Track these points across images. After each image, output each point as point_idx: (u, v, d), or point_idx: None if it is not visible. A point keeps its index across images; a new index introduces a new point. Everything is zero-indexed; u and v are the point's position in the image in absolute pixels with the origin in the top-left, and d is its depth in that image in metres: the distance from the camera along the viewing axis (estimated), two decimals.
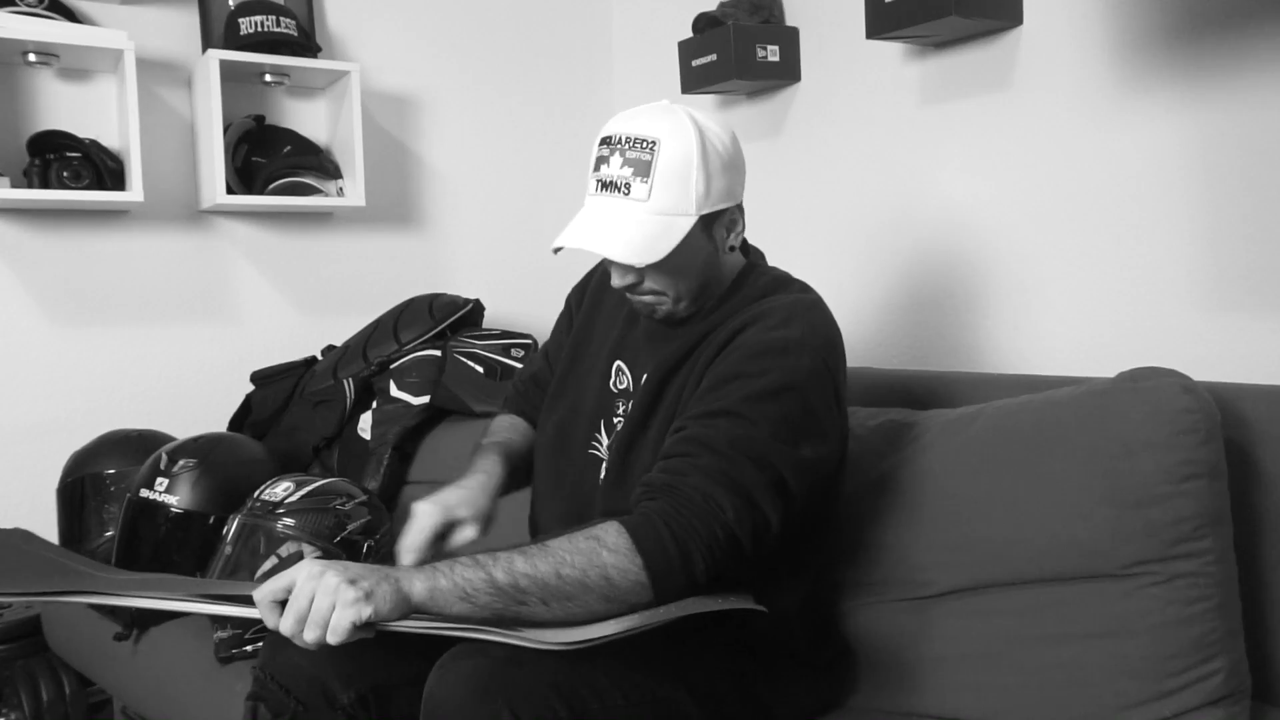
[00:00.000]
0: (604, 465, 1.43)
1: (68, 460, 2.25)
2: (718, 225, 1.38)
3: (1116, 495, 1.25)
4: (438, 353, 2.46)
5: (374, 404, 2.44)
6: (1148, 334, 1.85)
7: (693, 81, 2.52)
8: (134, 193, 2.34)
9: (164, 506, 1.96)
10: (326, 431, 2.44)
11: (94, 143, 2.40)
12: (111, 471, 2.17)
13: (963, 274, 2.15)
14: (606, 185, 1.32)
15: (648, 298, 1.38)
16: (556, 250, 1.36)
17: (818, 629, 1.46)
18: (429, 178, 2.93)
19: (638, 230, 1.30)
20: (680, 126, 1.32)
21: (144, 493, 1.98)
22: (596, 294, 1.60)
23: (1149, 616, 1.23)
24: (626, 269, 1.35)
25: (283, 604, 1.09)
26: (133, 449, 2.19)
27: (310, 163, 2.62)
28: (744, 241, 1.49)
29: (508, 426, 1.65)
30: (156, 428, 2.35)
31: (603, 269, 1.59)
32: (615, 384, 1.47)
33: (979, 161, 2.11)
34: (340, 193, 2.66)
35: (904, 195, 2.27)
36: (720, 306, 1.41)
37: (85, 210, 2.48)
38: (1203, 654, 1.22)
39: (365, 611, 1.05)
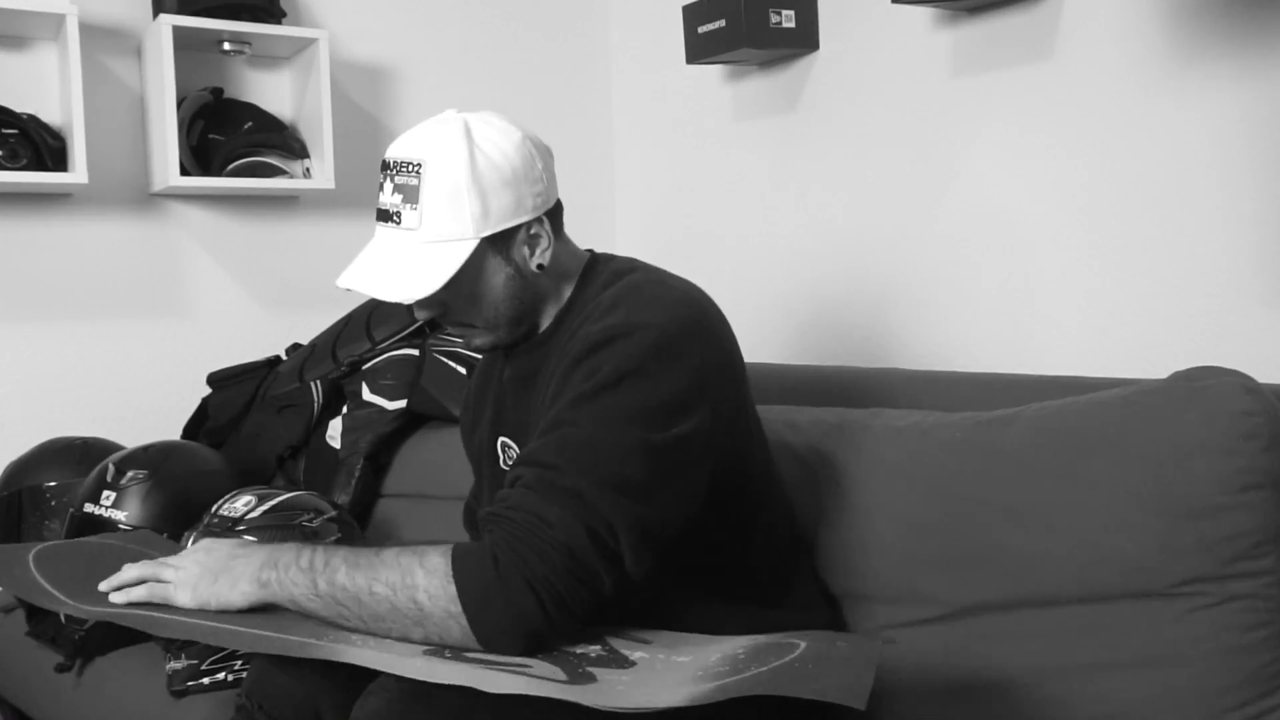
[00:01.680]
0: None
1: (3, 471, 2.26)
2: (513, 245, 1.37)
3: (1167, 505, 1.25)
4: (415, 352, 2.47)
5: (344, 409, 2.45)
6: (1206, 331, 1.85)
7: (699, 50, 2.53)
8: (77, 174, 2.35)
9: (111, 523, 1.97)
10: (292, 439, 2.45)
11: (33, 118, 2.41)
12: (52, 484, 2.18)
13: (999, 265, 2.16)
14: (382, 215, 1.36)
15: (458, 330, 1.44)
16: (347, 289, 1.40)
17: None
18: None
19: (411, 263, 1.33)
20: (449, 143, 1.33)
21: (89, 507, 1.99)
22: (476, 404, 1.64)
23: (1201, 643, 1.23)
24: (422, 305, 1.38)
25: None
26: (76, 459, 2.20)
27: (274, 140, 2.63)
28: (586, 250, 1.50)
29: None
30: (102, 435, 2.36)
31: (473, 381, 1.69)
32: (505, 461, 1.51)
33: (1017, 140, 2.12)
34: (307, 174, 2.67)
35: (933, 177, 2.28)
36: (563, 322, 1.43)
37: (23, 193, 2.49)
38: (1261, 687, 1.22)
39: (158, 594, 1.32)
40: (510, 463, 1.48)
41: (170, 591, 1.32)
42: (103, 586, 1.35)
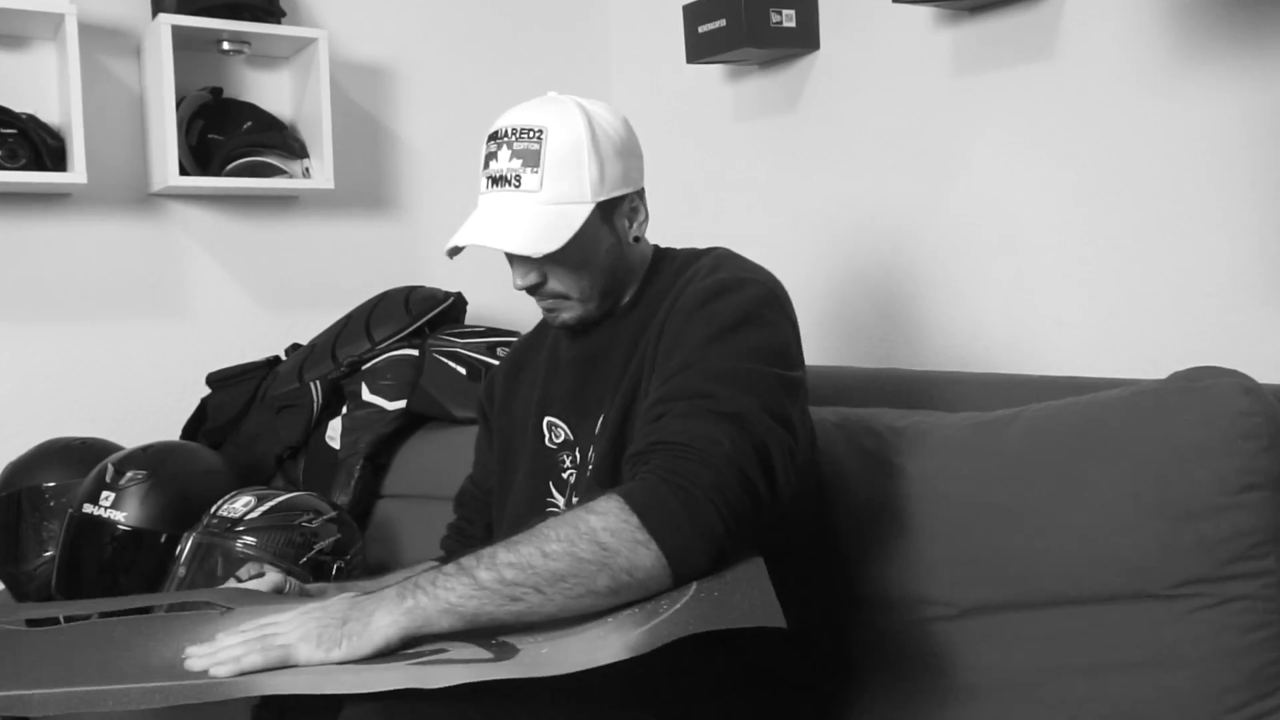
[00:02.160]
0: None
1: (2, 471, 2.26)
2: (618, 214, 1.46)
3: (1166, 506, 1.26)
4: (415, 352, 2.48)
5: (344, 409, 2.45)
6: (1207, 331, 1.85)
7: (699, 50, 2.54)
8: (76, 174, 2.35)
9: (110, 524, 1.97)
10: (291, 440, 2.45)
11: (31, 118, 2.41)
12: (51, 484, 2.19)
13: (1000, 265, 2.16)
14: (496, 180, 1.41)
15: (551, 302, 1.46)
16: (453, 253, 1.44)
17: (805, 636, 1.47)
18: (405, 157, 2.95)
19: (532, 222, 1.38)
20: (567, 113, 1.42)
21: (87, 508, 1.99)
22: (509, 379, 1.66)
23: (1201, 644, 1.23)
24: (528, 268, 1.42)
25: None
26: (75, 459, 2.21)
27: (273, 140, 2.63)
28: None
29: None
30: (101, 435, 2.36)
31: (510, 358, 1.71)
32: (551, 440, 1.52)
33: (1018, 140, 2.12)
34: (306, 174, 2.67)
35: (934, 177, 2.28)
36: (641, 300, 1.49)
37: (22, 193, 2.50)
38: (1261, 688, 1.22)
39: (283, 656, 1.12)
40: (557, 441, 1.50)
41: (290, 652, 1.13)
42: (197, 665, 1.14)
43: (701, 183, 2.86)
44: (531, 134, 1.39)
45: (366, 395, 2.43)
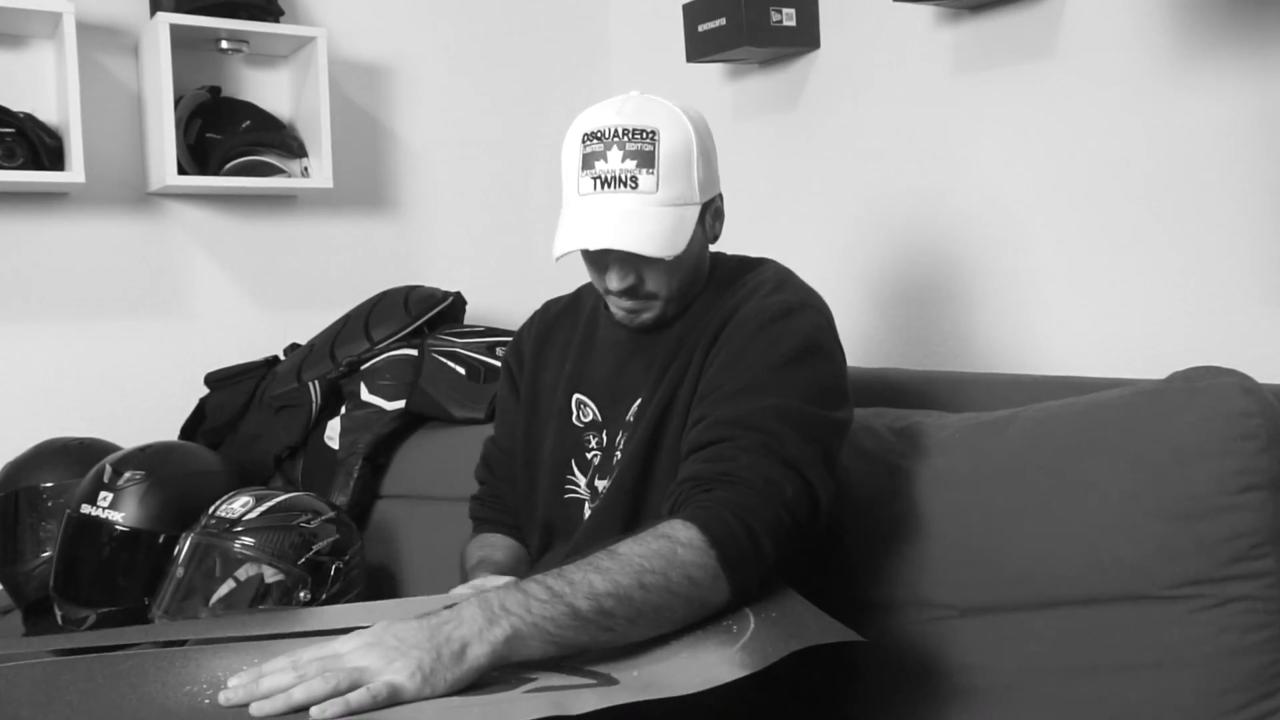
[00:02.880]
0: (586, 505, 1.51)
1: None
2: (708, 215, 1.50)
3: (1164, 507, 1.26)
4: (414, 352, 2.48)
5: (343, 409, 2.46)
6: (1209, 332, 1.86)
7: (698, 49, 2.54)
8: (74, 173, 2.36)
9: (108, 524, 1.98)
10: (290, 440, 2.46)
11: (29, 117, 2.42)
12: (49, 484, 2.19)
13: (1001, 265, 2.17)
14: (607, 181, 1.40)
15: (637, 303, 1.47)
16: (560, 257, 1.44)
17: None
18: (404, 156, 2.95)
19: (657, 224, 1.39)
20: (673, 115, 1.43)
21: (85, 508, 2.00)
22: (539, 342, 1.67)
23: (1201, 645, 1.24)
24: (626, 271, 1.43)
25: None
26: (73, 459, 2.21)
27: (271, 140, 2.64)
28: None
29: (483, 546, 1.65)
30: (99, 435, 2.37)
31: (542, 320, 1.70)
32: (579, 418, 1.54)
33: (1019, 138, 2.13)
34: (305, 173, 2.68)
35: (935, 176, 2.29)
36: (697, 300, 1.52)
37: (19, 192, 2.50)
38: (1261, 689, 1.22)
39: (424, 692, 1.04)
40: (585, 420, 1.54)
41: (395, 689, 1.04)
42: (270, 708, 1.03)
43: None
44: (645, 135, 1.39)
45: (365, 395, 2.44)
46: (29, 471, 2.22)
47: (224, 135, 2.61)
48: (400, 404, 2.41)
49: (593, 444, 1.52)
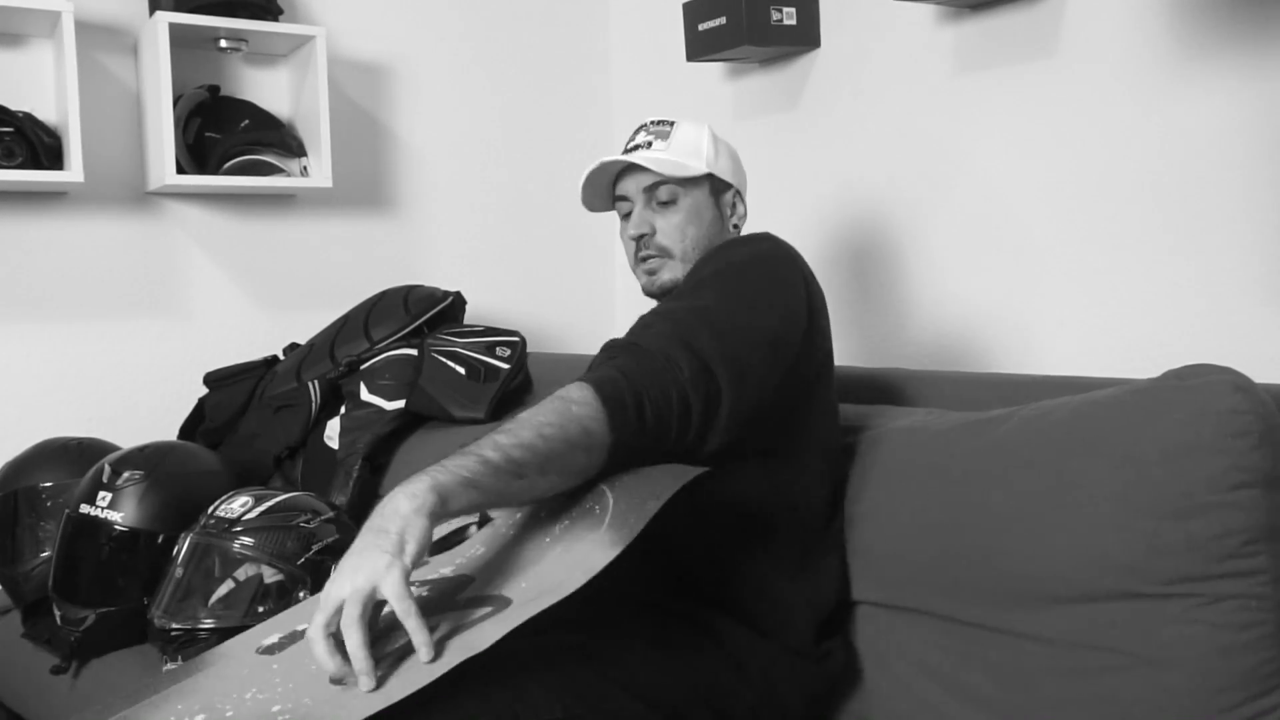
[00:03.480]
0: None
1: None
2: (724, 198, 1.73)
3: (1156, 505, 1.27)
4: (414, 352, 2.49)
5: (342, 409, 2.47)
6: (1209, 331, 1.87)
7: (699, 48, 2.55)
8: (73, 172, 2.37)
9: (107, 524, 1.99)
10: (289, 440, 2.47)
11: (28, 116, 2.43)
12: (48, 484, 2.20)
13: (1002, 264, 2.18)
14: (629, 150, 1.71)
15: (654, 262, 1.67)
16: (588, 198, 1.75)
17: (822, 618, 1.54)
18: (404, 155, 2.96)
19: (659, 156, 1.66)
20: (696, 121, 1.74)
21: (84, 508, 2.01)
22: None
23: (1195, 644, 1.24)
24: (643, 219, 1.67)
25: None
26: (71, 459, 2.22)
27: (271, 139, 2.65)
28: None
29: None
30: (98, 435, 2.37)
31: None
32: None
33: (1020, 138, 2.14)
34: (304, 172, 2.69)
35: (936, 176, 2.30)
36: None
37: (18, 192, 2.52)
38: (1256, 687, 1.23)
39: (407, 561, 1.13)
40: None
41: (396, 575, 1.12)
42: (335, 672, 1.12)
43: None
44: (665, 123, 1.72)
45: (365, 395, 2.45)
46: (28, 471, 2.23)
47: (223, 134, 2.62)
48: (400, 404, 2.41)
49: None
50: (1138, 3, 1.94)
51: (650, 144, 1.70)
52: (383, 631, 1.17)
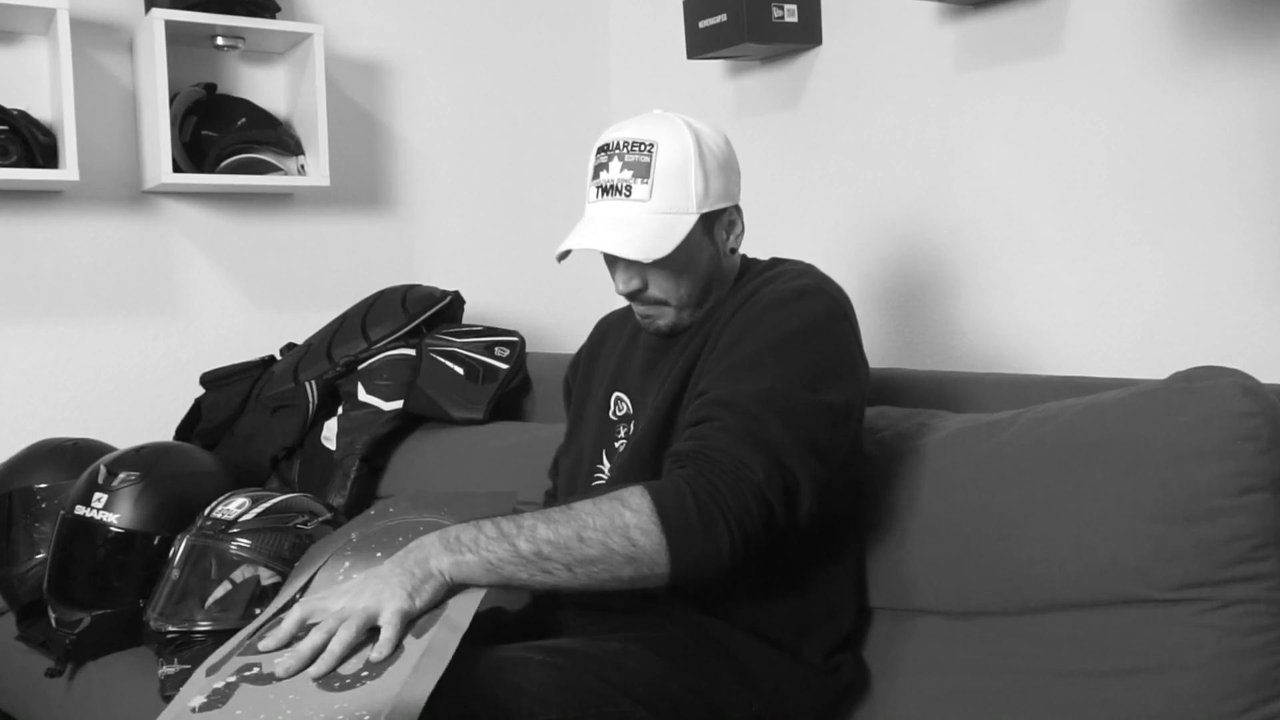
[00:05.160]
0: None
1: None
2: (718, 225, 1.56)
3: (1164, 509, 1.27)
4: (412, 352, 2.49)
5: (340, 410, 2.47)
6: (1213, 332, 1.87)
7: (699, 45, 2.55)
8: (68, 171, 2.36)
9: (102, 525, 1.98)
10: (286, 441, 2.46)
11: (23, 114, 2.43)
12: (43, 486, 2.20)
13: (1004, 263, 2.17)
14: (606, 190, 1.51)
15: (649, 308, 1.56)
16: (561, 257, 1.55)
17: (832, 630, 1.53)
18: (402, 154, 2.96)
19: (643, 229, 1.47)
20: (675, 129, 1.51)
21: (80, 510, 2.00)
22: (593, 350, 1.79)
23: (1202, 649, 1.24)
24: (631, 274, 1.52)
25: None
26: (67, 460, 2.22)
27: (268, 137, 2.65)
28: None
29: None
30: (94, 436, 2.37)
31: (597, 331, 1.82)
32: (614, 412, 1.63)
33: (1023, 136, 2.14)
34: (301, 171, 2.69)
35: (938, 174, 2.29)
36: (723, 303, 1.56)
37: (13, 190, 2.51)
38: (1265, 692, 1.23)
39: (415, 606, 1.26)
40: (619, 414, 1.62)
41: (402, 613, 1.25)
42: (323, 667, 1.20)
43: None
44: (642, 147, 1.49)
45: (363, 395, 2.45)
46: (23, 473, 2.23)
47: (219, 132, 2.61)
48: (398, 404, 2.41)
49: (621, 435, 1.60)
50: (1139, 2, 1.94)
51: (629, 189, 1.49)
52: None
